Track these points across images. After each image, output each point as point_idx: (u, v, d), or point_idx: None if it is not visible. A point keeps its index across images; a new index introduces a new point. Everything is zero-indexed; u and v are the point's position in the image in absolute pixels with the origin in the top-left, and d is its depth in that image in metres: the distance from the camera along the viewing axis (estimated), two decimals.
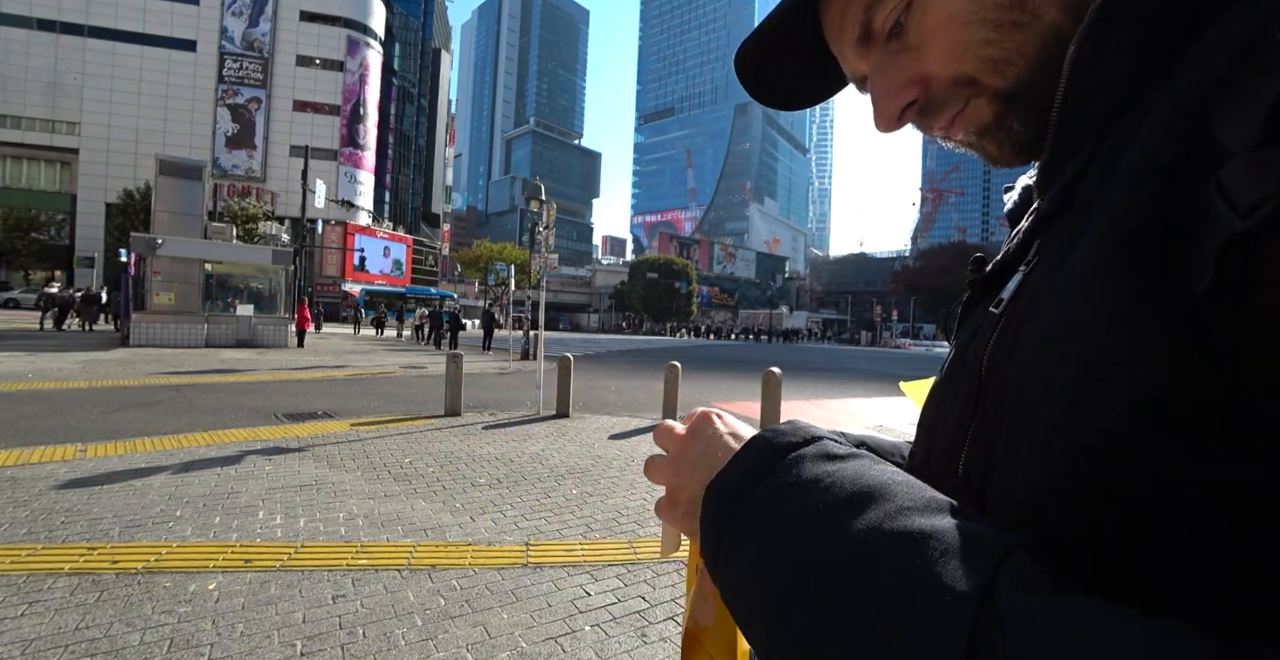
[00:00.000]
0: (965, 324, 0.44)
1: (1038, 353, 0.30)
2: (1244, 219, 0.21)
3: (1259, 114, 0.22)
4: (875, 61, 0.41)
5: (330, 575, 2.76)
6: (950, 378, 0.41)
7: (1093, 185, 0.32)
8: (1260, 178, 0.21)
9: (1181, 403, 0.23)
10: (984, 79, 0.37)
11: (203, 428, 5.82)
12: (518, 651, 2.22)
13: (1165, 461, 0.24)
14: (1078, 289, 0.28)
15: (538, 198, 9.69)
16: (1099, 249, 0.28)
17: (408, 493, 4.05)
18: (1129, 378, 0.25)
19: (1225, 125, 0.23)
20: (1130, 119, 0.31)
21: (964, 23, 0.36)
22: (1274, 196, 0.21)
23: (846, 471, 0.29)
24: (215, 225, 18.10)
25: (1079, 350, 0.27)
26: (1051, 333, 0.29)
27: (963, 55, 0.37)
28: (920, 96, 0.40)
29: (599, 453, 5.50)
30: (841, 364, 22.56)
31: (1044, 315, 0.31)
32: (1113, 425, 0.25)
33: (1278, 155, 0.21)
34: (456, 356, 7.32)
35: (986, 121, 0.39)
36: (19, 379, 8.26)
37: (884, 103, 0.40)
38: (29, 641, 2.13)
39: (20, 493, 3.70)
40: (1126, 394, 0.25)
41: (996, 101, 0.38)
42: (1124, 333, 0.25)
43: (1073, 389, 0.27)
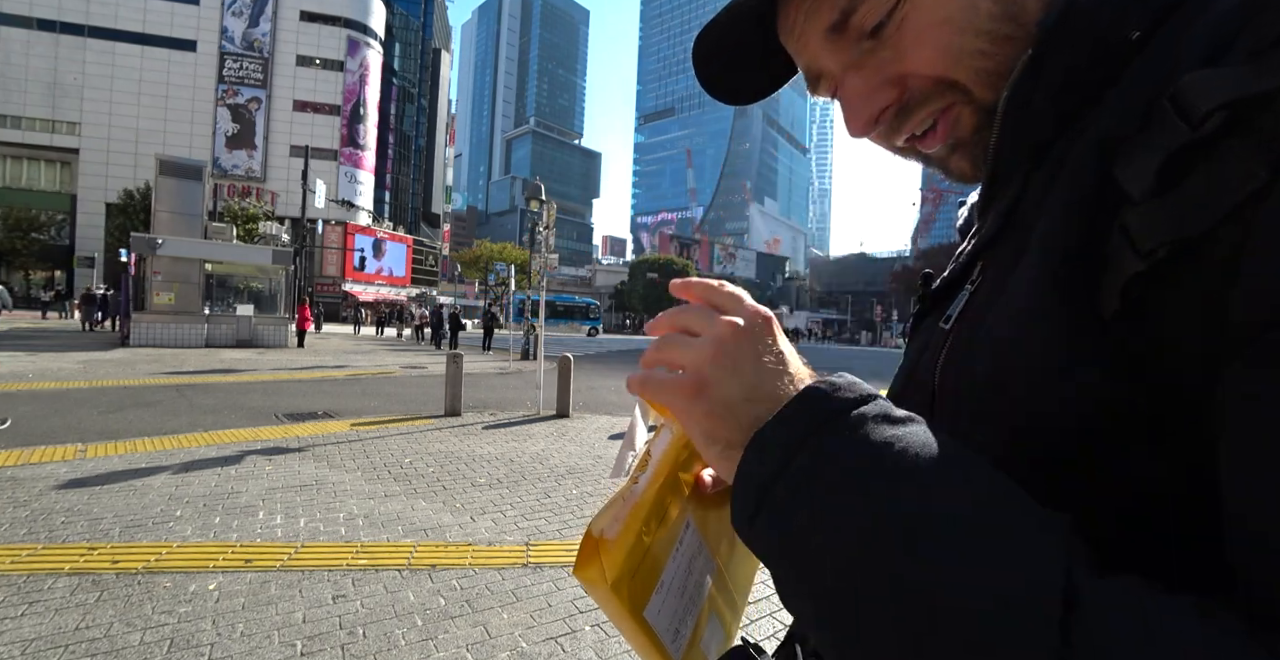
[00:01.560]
0: (917, 335, 0.47)
1: (986, 368, 0.33)
2: (1143, 260, 0.25)
3: (1152, 169, 0.25)
4: (848, 59, 0.39)
5: (330, 575, 2.76)
6: (905, 386, 0.44)
7: (1026, 213, 0.35)
8: (1153, 225, 0.25)
9: (1109, 411, 0.27)
10: (974, 89, 0.37)
11: (203, 428, 5.82)
12: (518, 651, 2.22)
13: (1103, 463, 0.27)
14: (1017, 313, 0.31)
15: (538, 198, 9.68)
16: (1033, 278, 0.31)
17: (408, 493, 4.04)
18: (1063, 392, 0.28)
19: (1127, 175, 0.27)
20: (1057, 152, 0.34)
21: (959, 29, 0.35)
22: (1165, 243, 0.24)
23: (915, 436, 0.27)
24: (215, 225, 18.10)
25: (1021, 368, 0.30)
26: (998, 350, 0.32)
27: (956, 63, 0.36)
28: (897, 99, 0.39)
29: (599, 453, 5.50)
30: (841, 364, 22.53)
31: (990, 334, 0.33)
32: (1053, 435, 0.28)
33: (1166, 207, 0.25)
34: (456, 356, 7.32)
35: (964, 134, 0.39)
36: (19, 379, 8.26)
37: (860, 104, 0.39)
38: (29, 641, 2.13)
39: (20, 493, 3.70)
40: (1062, 405, 0.28)
41: (979, 114, 0.37)
42: (1058, 351, 0.28)
43: (1019, 401, 0.30)
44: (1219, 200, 0.23)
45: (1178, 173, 0.25)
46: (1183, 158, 0.25)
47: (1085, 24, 0.32)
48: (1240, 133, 0.23)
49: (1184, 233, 0.24)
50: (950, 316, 0.40)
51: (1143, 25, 0.31)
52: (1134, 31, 0.31)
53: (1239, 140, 0.23)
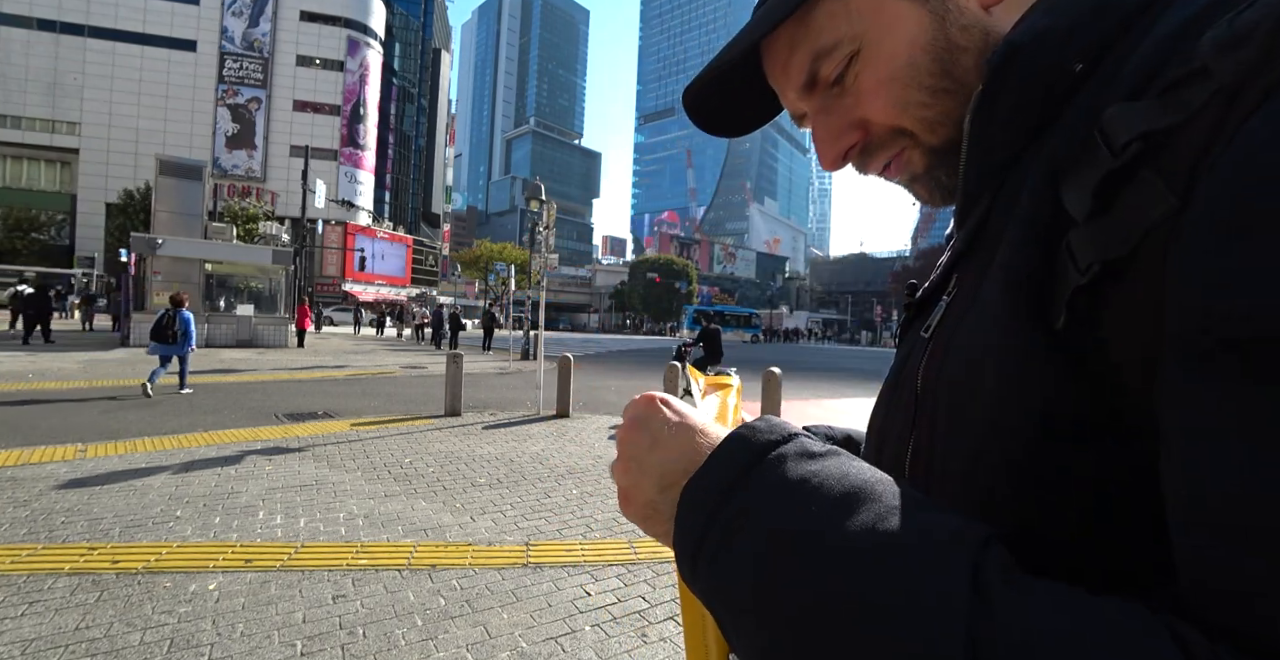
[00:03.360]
0: (904, 342, 0.50)
1: (960, 375, 0.36)
2: (1082, 275, 0.28)
3: (1088, 194, 0.28)
4: (818, 104, 0.45)
5: (330, 575, 2.75)
6: (893, 390, 0.47)
7: (993, 231, 0.38)
8: (1089, 245, 0.28)
9: (1066, 414, 0.29)
10: (920, 135, 0.42)
11: (203, 428, 5.82)
12: (518, 651, 2.22)
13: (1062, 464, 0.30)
14: (984, 323, 0.34)
15: (538, 198, 9.68)
16: (997, 290, 0.33)
17: (408, 493, 4.04)
18: (1026, 397, 0.30)
19: (1070, 199, 0.29)
20: (1017, 174, 0.37)
21: (904, 84, 0.40)
22: (1100, 262, 0.27)
23: (830, 470, 0.30)
24: (215, 225, 18.08)
25: (990, 370, 0.33)
26: (970, 358, 0.35)
27: (903, 112, 0.41)
28: (861, 140, 0.44)
29: (599, 453, 5.50)
30: (841, 364, 22.55)
31: (962, 343, 0.36)
32: (1021, 437, 0.31)
33: (1098, 228, 0.28)
34: (456, 356, 7.32)
35: (918, 171, 0.44)
36: (19, 379, 8.26)
37: (828, 145, 0.45)
38: (29, 641, 2.13)
39: (20, 493, 3.70)
40: (1026, 409, 0.30)
41: (928, 155, 0.43)
42: (1018, 361, 0.31)
43: (988, 407, 0.32)
44: (1138, 223, 0.26)
45: (1107, 198, 0.27)
46: (1110, 184, 0.27)
47: (1026, 60, 0.35)
48: (1152, 162, 0.26)
49: (1111, 253, 0.27)
50: (930, 326, 0.43)
51: (1084, 59, 0.33)
52: (1077, 64, 0.34)
53: (1151, 168, 0.26)
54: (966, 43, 0.39)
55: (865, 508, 0.28)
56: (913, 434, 0.41)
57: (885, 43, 0.40)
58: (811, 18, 0.41)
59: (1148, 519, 0.28)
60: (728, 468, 0.31)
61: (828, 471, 0.30)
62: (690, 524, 0.31)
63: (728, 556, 0.29)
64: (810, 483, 0.29)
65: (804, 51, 0.43)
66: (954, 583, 0.24)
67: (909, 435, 0.41)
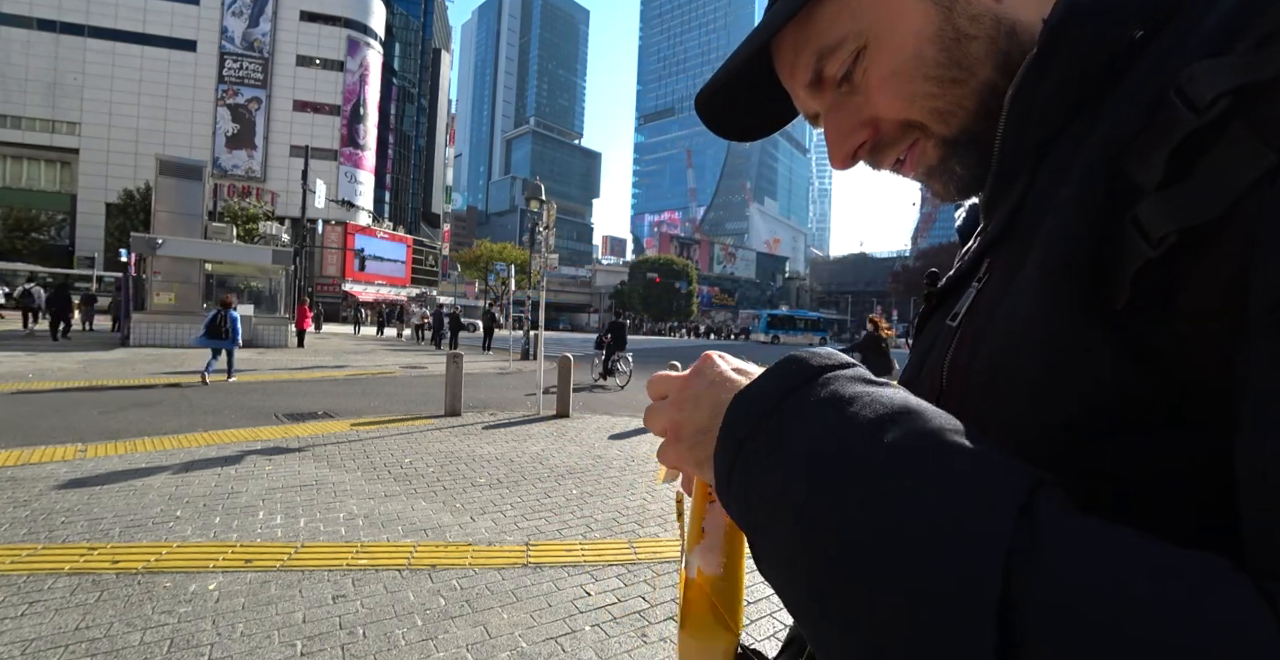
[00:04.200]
0: (923, 333, 0.48)
1: (995, 364, 0.34)
2: (1154, 248, 0.26)
3: (1161, 159, 0.26)
4: (828, 102, 0.44)
5: (330, 575, 2.76)
6: (914, 380, 0.45)
7: (1031, 213, 0.36)
8: (1165, 214, 0.26)
9: (1120, 404, 0.27)
10: (931, 126, 0.41)
11: (203, 428, 5.82)
12: (518, 651, 2.22)
13: (1111, 456, 0.28)
14: (1026, 308, 0.32)
15: (538, 198, 9.68)
16: (1041, 273, 0.31)
17: (408, 493, 4.04)
18: (1074, 386, 0.29)
19: (1137, 167, 0.27)
20: (1059, 153, 0.35)
21: (909, 77, 0.40)
22: (1178, 230, 0.25)
23: (886, 392, 0.29)
24: (215, 225, 18.08)
25: (1031, 363, 0.31)
26: (1007, 346, 0.33)
27: (911, 105, 0.40)
28: (871, 137, 0.43)
29: (599, 453, 5.50)
30: None
31: (998, 330, 0.34)
32: (1066, 426, 0.29)
33: (1177, 195, 0.25)
34: (456, 356, 7.32)
35: (932, 163, 0.43)
36: (19, 379, 8.26)
37: (838, 143, 0.44)
38: (29, 641, 2.13)
39: (20, 493, 3.70)
40: (1075, 397, 0.29)
41: (942, 146, 0.42)
42: (1068, 346, 0.29)
43: (1030, 395, 0.31)
44: (1229, 185, 0.24)
45: (1187, 161, 0.25)
46: (1191, 146, 0.25)
47: (1086, 24, 0.33)
48: (1246, 117, 0.24)
49: (1195, 219, 0.25)
50: (957, 314, 0.42)
51: (1146, 25, 0.32)
52: (1138, 30, 0.32)
53: (1245, 125, 0.24)
54: (976, 31, 0.38)
55: (914, 426, 0.26)
56: None
57: (890, 37, 0.40)
58: (815, 17, 0.41)
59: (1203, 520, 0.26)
60: (781, 379, 0.31)
61: (883, 393, 0.29)
62: (737, 429, 0.31)
63: (775, 460, 0.28)
64: (864, 398, 0.28)
65: (809, 51, 0.42)
66: (998, 508, 0.22)
67: None
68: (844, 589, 0.24)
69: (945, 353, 0.40)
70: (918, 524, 0.23)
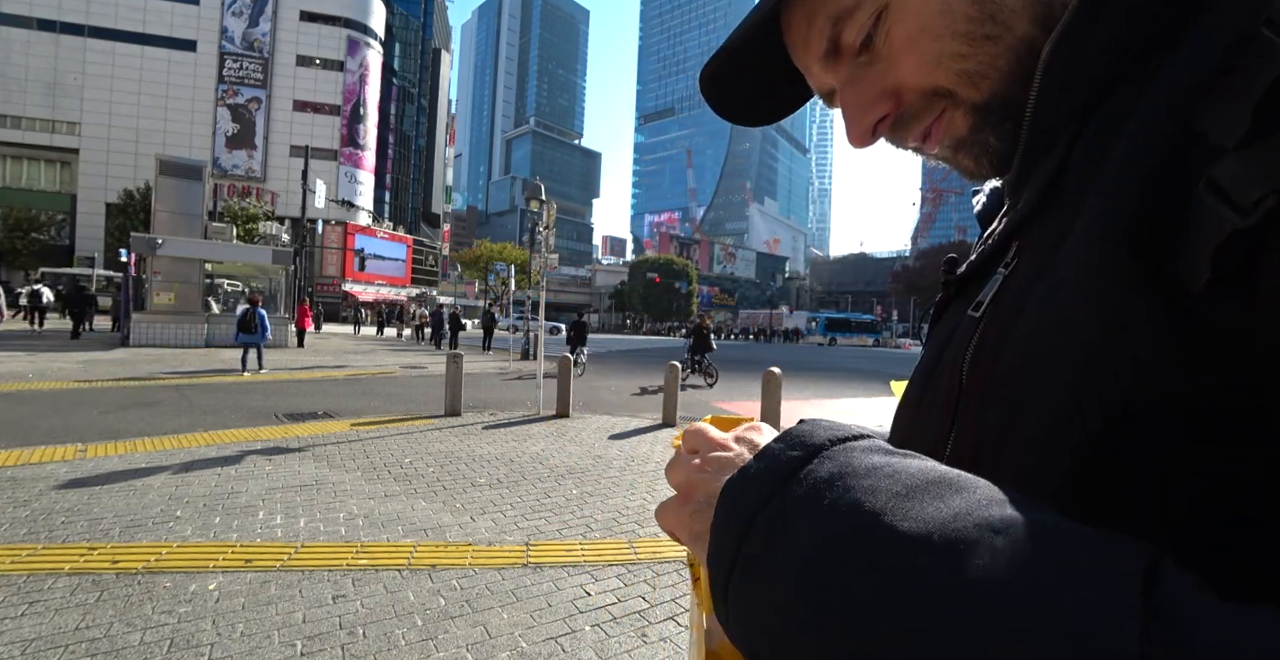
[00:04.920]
0: (940, 325, 0.44)
1: (1030, 352, 0.30)
2: (1244, 216, 0.21)
3: (1246, 110, 0.22)
4: (845, 75, 0.40)
5: (330, 575, 2.76)
6: (928, 379, 0.41)
7: (1072, 187, 0.32)
8: (1256, 173, 0.21)
9: (1180, 395, 0.24)
10: (959, 91, 0.36)
11: (203, 428, 5.82)
12: (518, 651, 2.22)
13: (1167, 454, 0.24)
14: (1070, 289, 0.28)
15: (538, 198, 9.68)
16: (1090, 250, 0.27)
17: (408, 493, 4.05)
18: (1129, 373, 0.25)
19: (1213, 122, 0.23)
20: (1104, 119, 0.31)
21: (936, 36, 0.35)
22: (1275, 192, 0.21)
23: (911, 463, 0.25)
24: (215, 225, 18.07)
25: (1077, 349, 0.27)
26: (1045, 332, 0.29)
27: (936, 68, 0.36)
28: (893, 110, 0.39)
29: (599, 453, 5.51)
30: (841, 364, 22.54)
31: (1035, 315, 0.30)
32: (1114, 420, 0.25)
33: (1270, 149, 0.21)
34: (456, 356, 7.32)
35: (961, 134, 0.38)
36: (19, 379, 8.26)
37: (856, 117, 0.40)
38: (29, 641, 2.13)
39: (20, 493, 3.70)
40: (1127, 389, 0.25)
41: (972, 114, 0.37)
42: (1122, 330, 0.25)
43: (1072, 387, 0.27)
44: None
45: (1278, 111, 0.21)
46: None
47: None
48: None
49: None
50: (981, 303, 0.38)
51: None
52: None
53: None
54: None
55: (964, 496, 0.22)
56: (952, 432, 0.35)
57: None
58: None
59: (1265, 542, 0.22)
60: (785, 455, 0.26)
61: (907, 463, 0.24)
62: (731, 516, 0.26)
63: (777, 556, 0.23)
64: (886, 470, 0.24)
65: (823, 17, 0.38)
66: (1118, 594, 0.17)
67: (947, 434, 0.36)
68: None
69: (966, 345, 0.36)
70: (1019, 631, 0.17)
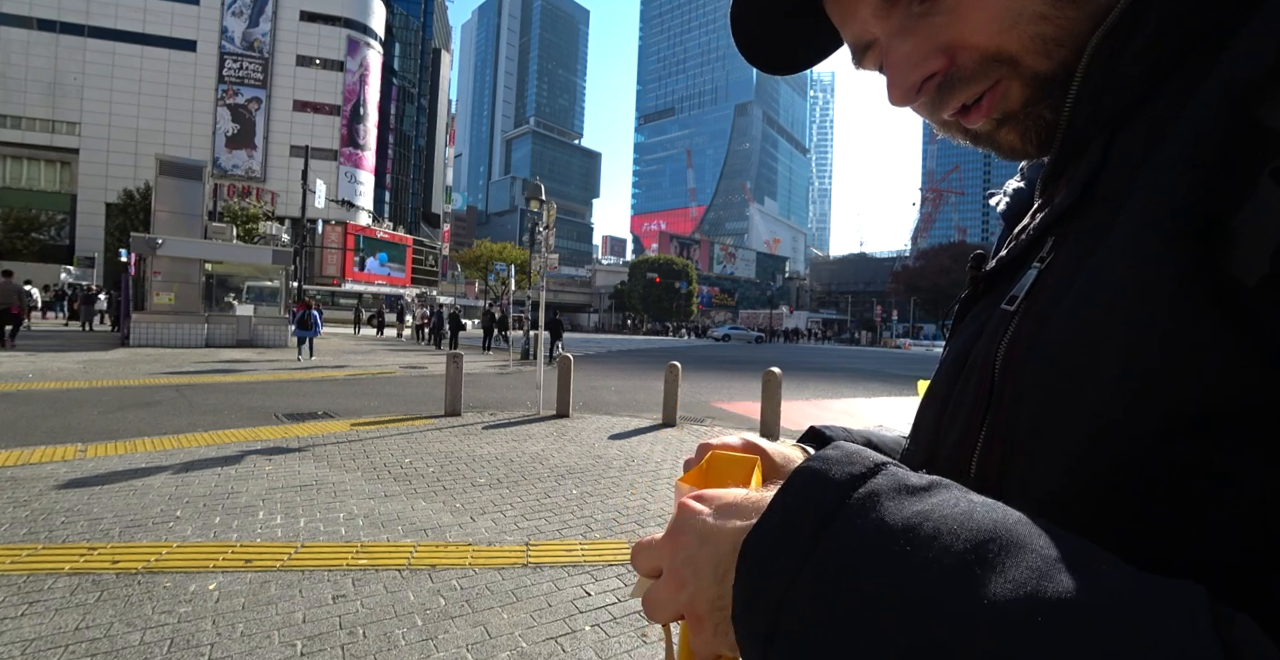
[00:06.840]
0: (966, 321, 0.43)
1: (1070, 349, 0.28)
2: None
3: None
4: (897, 25, 0.36)
5: (330, 575, 2.76)
6: (954, 376, 0.39)
7: (1115, 180, 0.30)
8: None
9: (1234, 400, 0.22)
10: (1024, 59, 0.33)
11: (203, 428, 5.82)
12: (518, 651, 2.22)
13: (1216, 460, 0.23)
14: (1115, 286, 0.27)
15: (538, 198, 9.68)
16: (1139, 245, 0.26)
17: (408, 493, 4.04)
18: (1179, 375, 0.23)
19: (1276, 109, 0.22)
20: (1151, 112, 0.30)
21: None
22: None
23: (945, 510, 0.23)
24: (215, 225, 18.08)
25: (1122, 347, 0.26)
26: (1086, 329, 0.28)
27: (1011, 28, 0.32)
28: (944, 68, 0.35)
29: (599, 453, 5.50)
30: (841, 364, 22.55)
31: (1074, 311, 0.29)
32: (1161, 423, 0.24)
33: None
34: (456, 356, 7.32)
35: (1013, 107, 0.35)
36: (19, 379, 8.26)
37: (905, 71, 0.36)
38: (29, 641, 2.13)
39: (20, 493, 3.70)
40: (1176, 391, 0.23)
41: (1031, 86, 0.34)
42: (1172, 329, 0.24)
43: (1116, 387, 0.25)
44: None
45: None
46: None
47: None
48: None
49: None
50: (1015, 297, 0.36)
51: None
52: None
53: None
54: None
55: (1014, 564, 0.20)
56: (982, 432, 0.34)
57: None
58: None
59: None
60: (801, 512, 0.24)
61: (942, 512, 0.22)
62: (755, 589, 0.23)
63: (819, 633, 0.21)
64: (923, 531, 0.22)
65: None
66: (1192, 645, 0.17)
67: (976, 434, 0.34)
68: None
69: (999, 340, 0.34)
70: None
